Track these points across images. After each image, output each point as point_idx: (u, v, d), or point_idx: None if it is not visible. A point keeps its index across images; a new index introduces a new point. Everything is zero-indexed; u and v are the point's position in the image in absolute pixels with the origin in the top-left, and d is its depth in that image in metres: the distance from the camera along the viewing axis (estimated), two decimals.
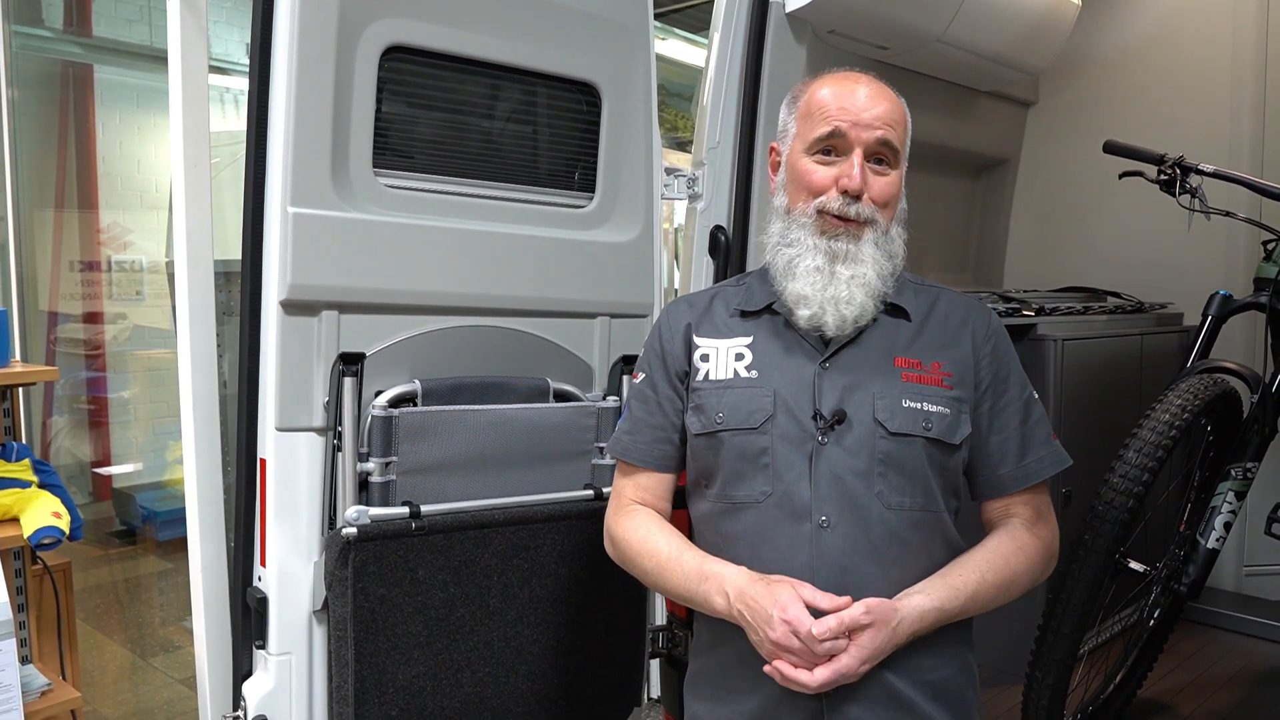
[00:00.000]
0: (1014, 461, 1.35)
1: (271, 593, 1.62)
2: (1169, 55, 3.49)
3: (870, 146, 1.30)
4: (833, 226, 1.31)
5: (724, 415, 1.32)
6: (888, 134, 1.30)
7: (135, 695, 3.03)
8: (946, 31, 2.64)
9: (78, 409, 4.42)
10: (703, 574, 1.29)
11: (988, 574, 1.28)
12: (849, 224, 1.30)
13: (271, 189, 1.56)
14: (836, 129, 1.30)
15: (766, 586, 1.21)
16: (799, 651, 1.17)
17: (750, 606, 1.21)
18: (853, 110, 1.30)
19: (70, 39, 4.42)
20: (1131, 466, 1.95)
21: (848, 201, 1.30)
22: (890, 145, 1.31)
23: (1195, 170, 2.27)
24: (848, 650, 1.17)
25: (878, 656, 1.19)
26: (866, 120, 1.30)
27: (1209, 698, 2.68)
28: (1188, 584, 2.16)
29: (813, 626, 1.16)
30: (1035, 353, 2.72)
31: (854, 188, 1.29)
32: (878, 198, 1.31)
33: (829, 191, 1.31)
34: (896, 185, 1.33)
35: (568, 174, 1.93)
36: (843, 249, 1.30)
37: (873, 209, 1.30)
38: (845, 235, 1.30)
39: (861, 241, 1.30)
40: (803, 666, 1.17)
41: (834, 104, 1.31)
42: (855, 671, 1.17)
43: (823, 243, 1.31)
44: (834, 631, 1.16)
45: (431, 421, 1.68)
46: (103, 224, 4.48)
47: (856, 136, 1.30)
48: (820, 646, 1.16)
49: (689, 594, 1.31)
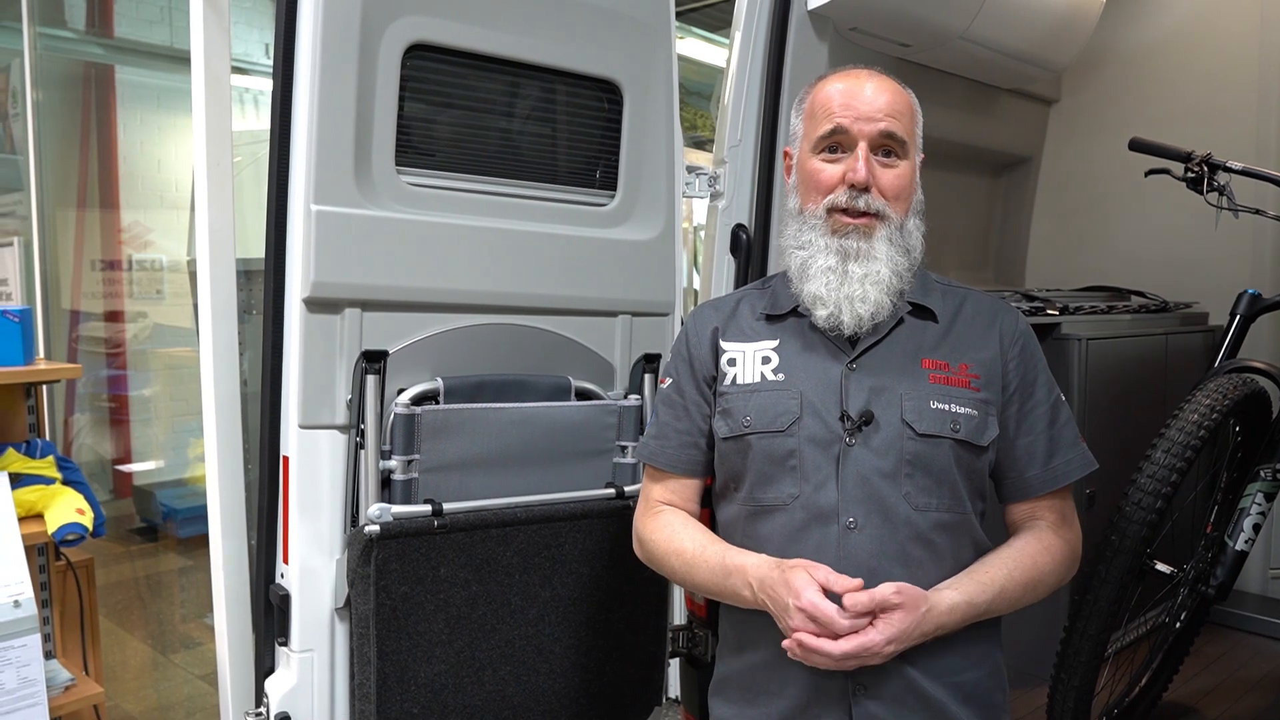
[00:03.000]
0: (1041, 464, 1.34)
1: (294, 590, 1.62)
2: (1195, 51, 3.44)
3: (875, 139, 1.29)
4: (843, 225, 1.30)
5: (751, 418, 1.32)
6: (891, 125, 1.29)
7: (157, 691, 3.04)
8: (969, 29, 2.61)
9: (99, 407, 4.46)
10: (726, 569, 1.28)
11: (1015, 572, 1.27)
12: (859, 220, 1.29)
13: (295, 187, 1.56)
14: (839, 125, 1.30)
15: (782, 574, 1.20)
16: (819, 633, 1.16)
17: (770, 597, 1.21)
18: (855, 105, 1.30)
19: (93, 40, 4.45)
20: (1159, 467, 1.92)
21: (854, 195, 1.29)
22: (895, 136, 1.30)
23: (1224, 168, 2.25)
24: (874, 626, 1.15)
25: (905, 639, 1.17)
26: (868, 113, 1.29)
27: (1235, 701, 2.65)
28: (1215, 586, 2.13)
29: (845, 599, 1.15)
30: (1059, 352, 2.69)
31: (859, 180, 1.28)
32: (888, 190, 1.30)
33: (837, 188, 1.30)
34: (907, 176, 1.32)
35: (589, 172, 1.93)
36: (854, 247, 1.29)
37: (883, 202, 1.29)
38: (856, 233, 1.30)
39: (874, 239, 1.29)
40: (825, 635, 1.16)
41: (836, 101, 1.31)
42: (881, 650, 1.15)
43: (834, 242, 1.30)
44: (864, 607, 1.14)
45: (454, 419, 1.68)
46: (124, 223, 4.52)
47: (860, 130, 1.29)
48: (841, 624, 1.14)
49: (718, 589, 1.30)
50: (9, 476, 1.86)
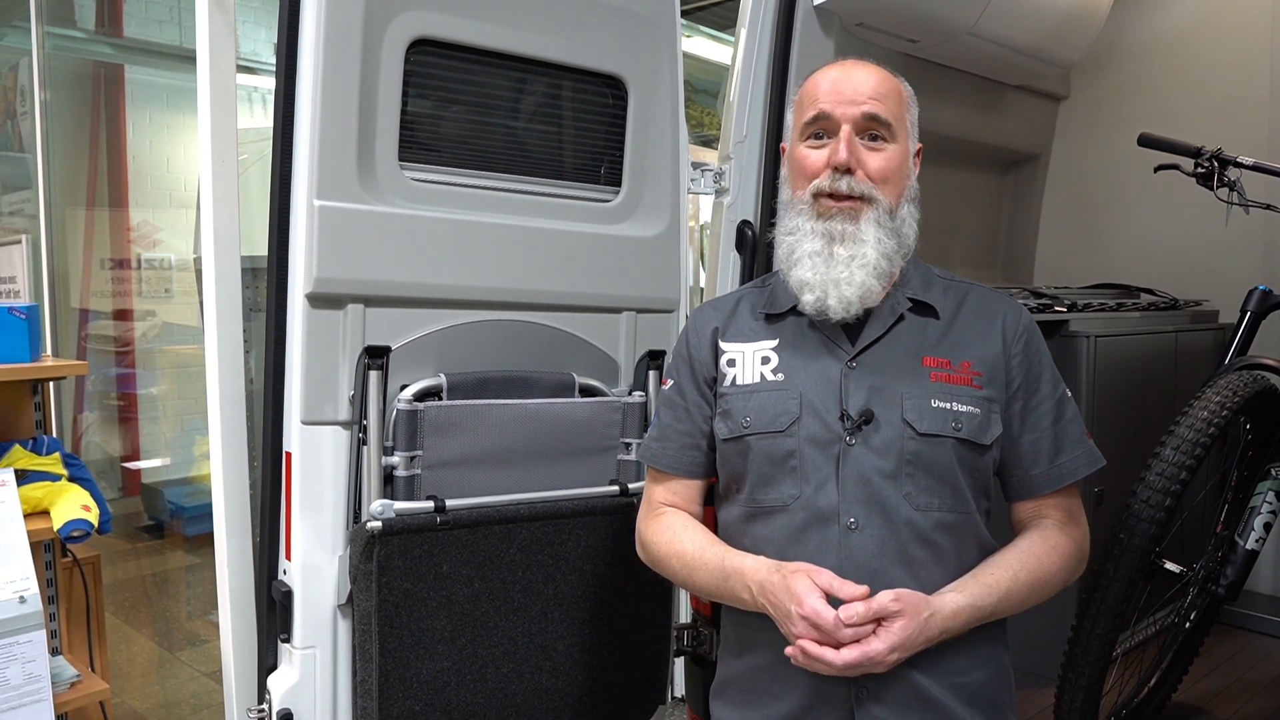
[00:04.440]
0: (1047, 462, 1.32)
1: (296, 586, 1.62)
2: (1205, 45, 3.41)
3: (859, 122, 1.28)
4: (828, 209, 1.29)
5: (751, 419, 1.31)
6: (874, 107, 1.28)
7: (162, 688, 3.05)
8: (977, 24, 2.60)
9: (107, 405, 4.47)
10: (725, 571, 1.27)
11: (1020, 573, 1.26)
12: (844, 202, 1.28)
13: (298, 182, 1.56)
14: (822, 110, 1.29)
15: (783, 579, 1.18)
16: (822, 641, 1.14)
17: (772, 602, 1.19)
18: (839, 90, 1.29)
19: (102, 39, 4.47)
20: (1169, 464, 1.90)
21: (838, 177, 1.27)
22: (879, 119, 1.28)
23: (1234, 163, 2.23)
24: (877, 635, 1.14)
25: (908, 647, 1.15)
26: (850, 96, 1.28)
27: (1246, 703, 2.63)
28: (1225, 586, 2.11)
29: (840, 611, 1.13)
30: (1067, 350, 2.68)
31: (840, 161, 1.27)
32: (874, 174, 1.28)
33: (822, 173, 1.29)
34: (896, 159, 1.30)
35: (594, 168, 1.92)
36: (839, 229, 1.28)
37: (869, 185, 1.28)
38: (842, 215, 1.28)
39: (860, 221, 1.28)
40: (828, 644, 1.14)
41: (822, 88, 1.31)
42: (884, 659, 1.14)
43: (819, 225, 1.29)
44: (861, 618, 1.13)
45: (456, 416, 1.68)
46: (133, 222, 4.54)
47: (843, 114, 1.28)
48: (844, 633, 1.13)
49: (719, 591, 1.29)
50: (15, 473, 1.87)
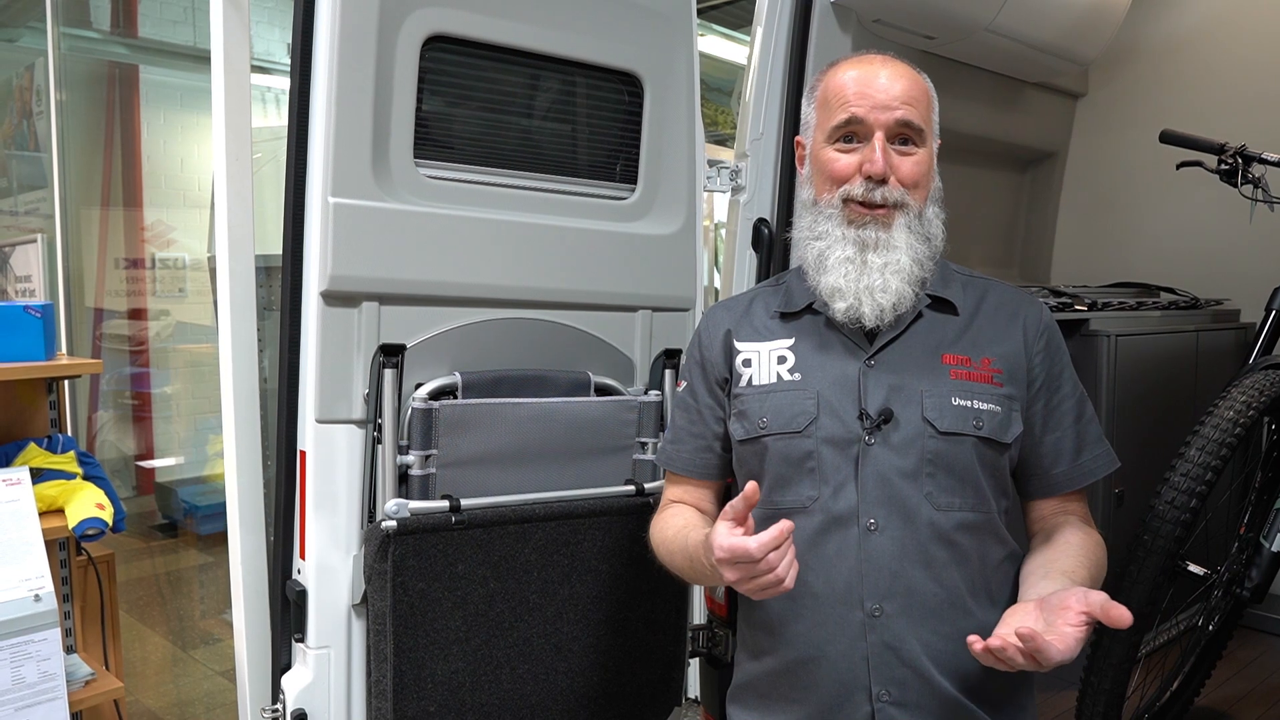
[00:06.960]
0: (1069, 460, 1.30)
1: (310, 586, 1.61)
2: (1227, 41, 3.37)
3: (891, 128, 1.26)
4: (860, 215, 1.26)
5: (767, 420, 1.29)
6: (907, 113, 1.25)
7: (176, 687, 3.06)
8: (995, 20, 2.57)
9: (122, 404, 4.49)
10: (689, 553, 1.22)
11: (1091, 567, 1.21)
12: (876, 210, 1.26)
13: (312, 180, 1.55)
14: (854, 115, 1.26)
15: (708, 541, 1.10)
16: (760, 573, 1.05)
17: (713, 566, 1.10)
18: (869, 93, 1.26)
19: (117, 40, 4.49)
20: (1194, 465, 1.87)
21: (872, 187, 1.25)
22: (912, 124, 1.26)
23: (1259, 159, 2.20)
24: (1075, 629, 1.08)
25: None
26: (884, 101, 1.25)
27: (1270, 707, 2.59)
28: (1249, 589, 2.08)
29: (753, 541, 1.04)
30: (1087, 349, 2.65)
31: (877, 172, 1.24)
32: (906, 179, 1.26)
33: (853, 179, 1.26)
34: (925, 164, 1.28)
35: (609, 165, 1.91)
36: (873, 237, 1.26)
37: (901, 192, 1.26)
38: (874, 223, 1.26)
39: (892, 228, 1.26)
40: None
41: (850, 89, 1.27)
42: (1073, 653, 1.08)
43: (851, 232, 1.27)
44: (775, 541, 1.04)
45: (472, 414, 1.67)
46: (147, 222, 4.55)
47: (876, 119, 1.25)
48: (770, 558, 1.04)
49: (698, 575, 1.26)
50: (30, 471, 1.87)
